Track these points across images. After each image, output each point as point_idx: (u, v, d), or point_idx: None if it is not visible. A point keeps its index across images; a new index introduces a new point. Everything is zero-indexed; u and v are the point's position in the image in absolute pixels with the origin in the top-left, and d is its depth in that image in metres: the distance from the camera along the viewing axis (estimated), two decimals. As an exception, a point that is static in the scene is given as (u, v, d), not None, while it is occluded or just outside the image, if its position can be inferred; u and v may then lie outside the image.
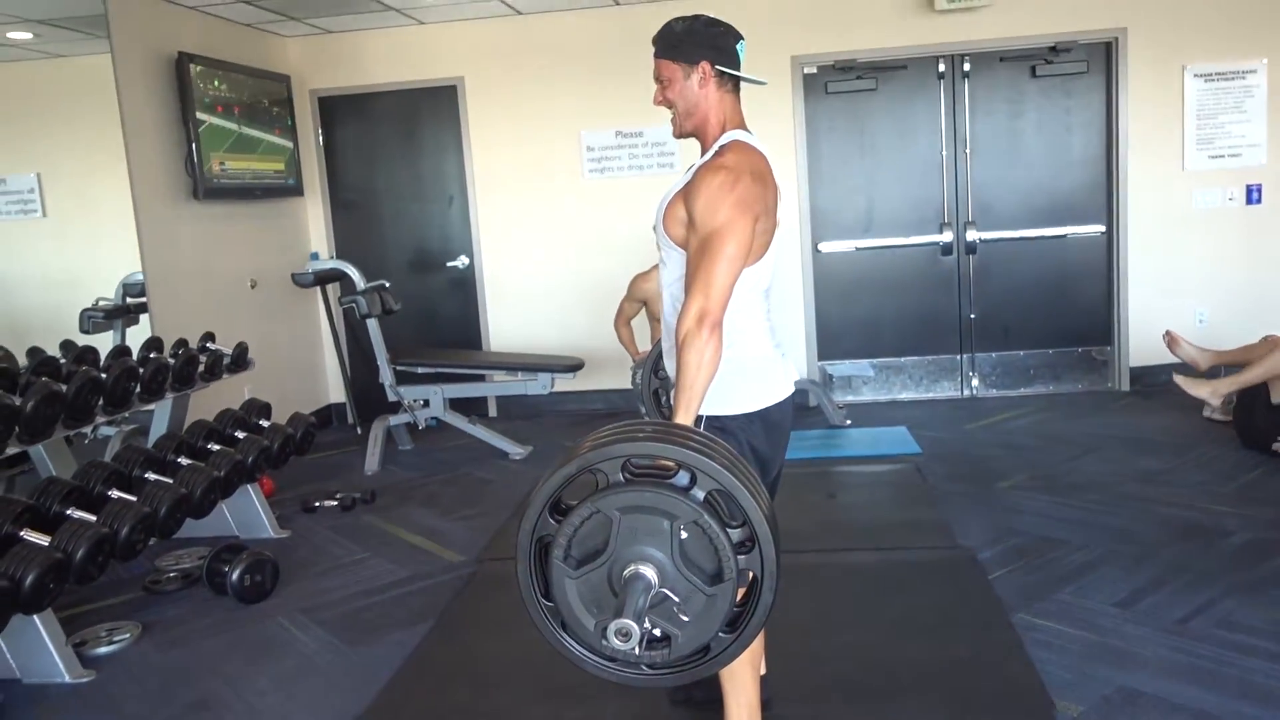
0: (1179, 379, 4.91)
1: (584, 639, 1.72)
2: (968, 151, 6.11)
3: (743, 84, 2.26)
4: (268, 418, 4.55)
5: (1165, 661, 2.73)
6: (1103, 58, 5.98)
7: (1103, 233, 6.11)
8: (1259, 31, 5.82)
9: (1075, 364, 6.25)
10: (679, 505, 1.64)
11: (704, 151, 2.21)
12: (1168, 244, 6.02)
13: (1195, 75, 5.89)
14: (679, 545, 1.65)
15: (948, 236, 6.15)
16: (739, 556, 1.66)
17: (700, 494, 1.67)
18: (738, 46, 2.20)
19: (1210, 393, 4.77)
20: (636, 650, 1.65)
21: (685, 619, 1.67)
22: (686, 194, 2.09)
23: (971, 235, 6.13)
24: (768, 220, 2.13)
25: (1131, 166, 5.98)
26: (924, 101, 6.12)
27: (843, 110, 6.17)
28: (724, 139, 2.19)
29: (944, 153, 6.13)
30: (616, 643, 1.59)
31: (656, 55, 2.22)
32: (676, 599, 1.66)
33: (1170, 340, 5.20)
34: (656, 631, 1.69)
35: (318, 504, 4.70)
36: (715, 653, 1.71)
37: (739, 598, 1.69)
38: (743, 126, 2.23)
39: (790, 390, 2.26)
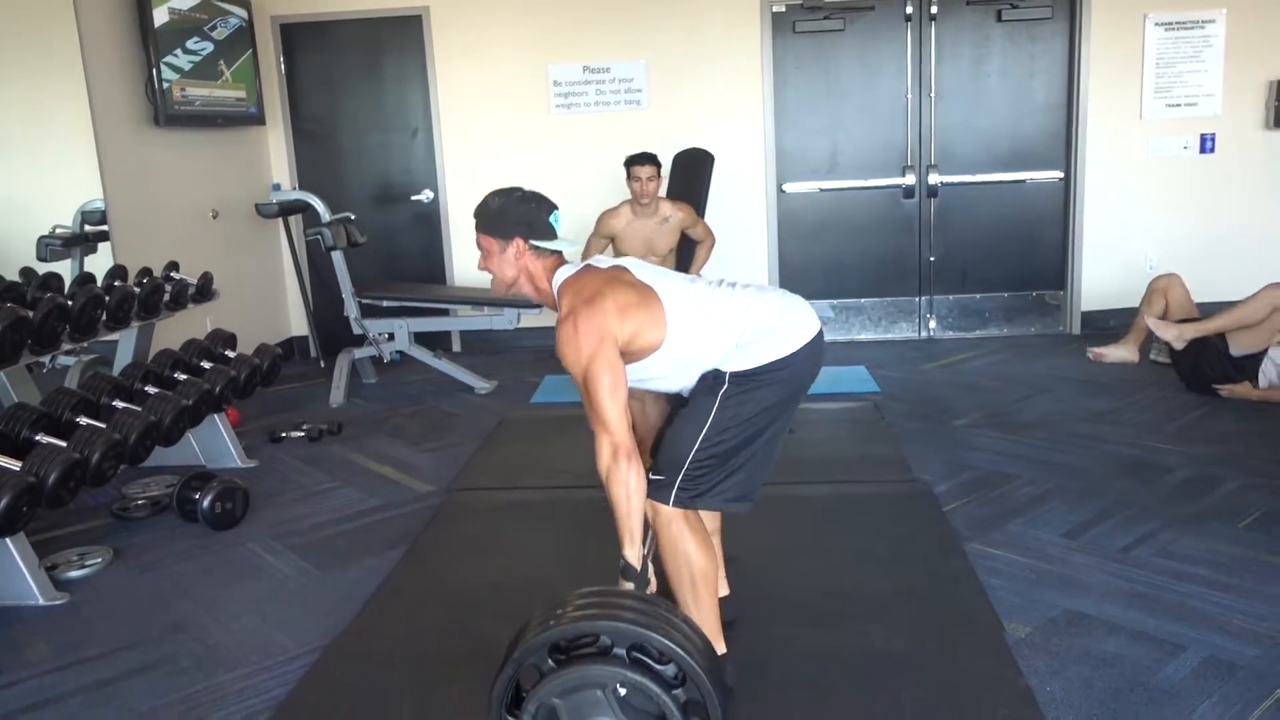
0: (1150, 320, 5.01)
1: None
2: (932, 95, 6.16)
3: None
4: (233, 348, 4.55)
5: (1108, 587, 2.88)
6: (1067, 4, 6.04)
7: (1060, 179, 6.23)
8: (1219, -19, 5.91)
9: (1029, 307, 6.40)
10: (604, 673, 1.84)
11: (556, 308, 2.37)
12: (1123, 191, 6.16)
13: (1156, 24, 5.98)
14: (620, 704, 1.85)
15: (910, 180, 6.24)
16: (675, 691, 1.85)
17: (621, 652, 1.86)
18: (550, 218, 2.36)
19: (1176, 335, 4.85)
20: None
21: None
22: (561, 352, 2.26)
23: (933, 179, 6.22)
24: (633, 314, 2.26)
25: (1091, 113, 6.08)
26: (891, 44, 6.15)
27: (810, 50, 6.18)
28: (556, 286, 2.36)
29: (909, 96, 6.18)
30: None
31: (476, 228, 2.40)
32: None
33: (1154, 327, 5.03)
34: None
35: (284, 435, 4.72)
36: None
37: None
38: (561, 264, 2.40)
39: (810, 334, 2.40)
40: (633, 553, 2.19)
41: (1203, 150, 6.09)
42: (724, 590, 2.75)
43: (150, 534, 3.65)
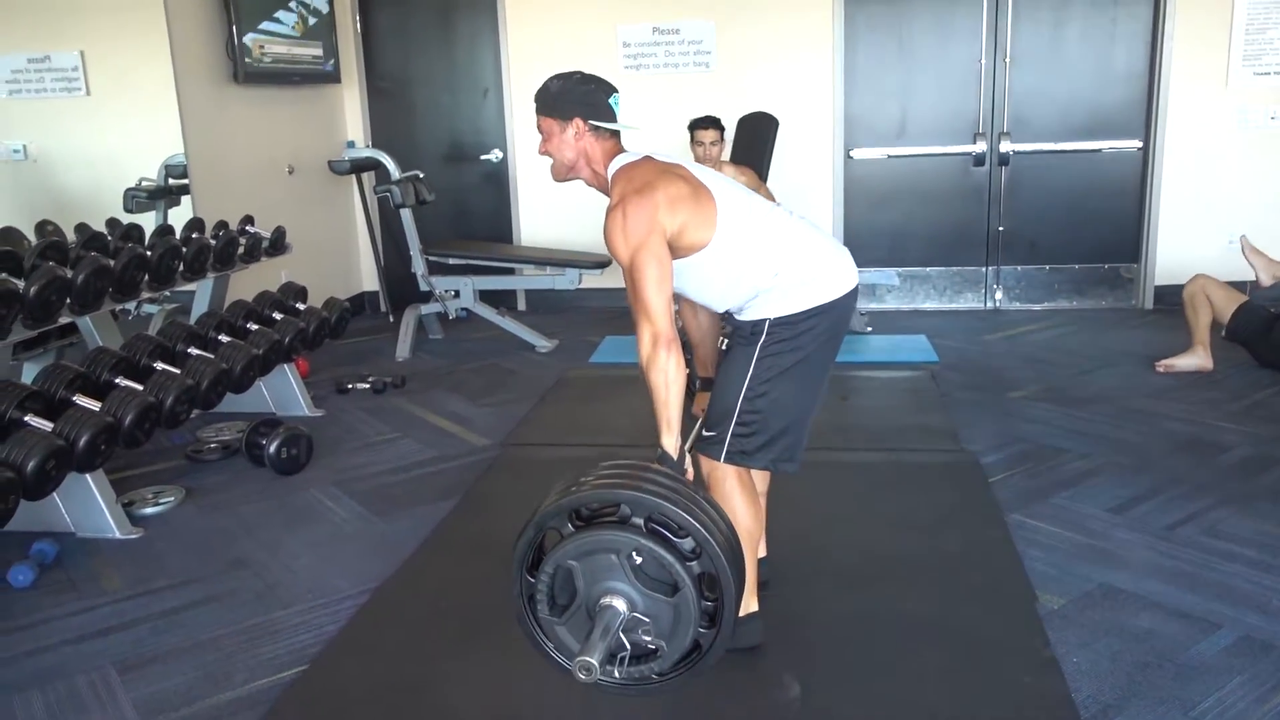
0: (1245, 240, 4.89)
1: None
2: (1007, 60, 6.03)
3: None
4: (304, 301, 4.71)
5: (1148, 563, 2.87)
6: (1154, -33, 5.84)
7: (1139, 149, 6.06)
8: (1319, -57, 5.64)
9: (1101, 280, 6.26)
10: (618, 539, 1.89)
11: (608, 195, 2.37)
12: (1205, 162, 5.96)
13: (1248, -13, 5.75)
14: (634, 571, 1.90)
15: (981, 147, 6.13)
16: (690, 564, 1.89)
17: (639, 521, 1.91)
18: (610, 100, 2.36)
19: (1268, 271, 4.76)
20: (617, 673, 1.96)
21: (664, 631, 1.93)
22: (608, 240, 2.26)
23: (1005, 147, 6.10)
24: (683, 206, 2.25)
25: (1174, 81, 5.89)
26: (966, 5, 6.02)
27: (882, 11, 6.08)
28: (611, 172, 2.36)
29: (983, 61, 6.05)
30: (582, 677, 1.85)
31: (536, 111, 2.38)
32: (646, 619, 1.92)
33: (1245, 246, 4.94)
34: (650, 646, 1.94)
35: (350, 386, 4.89)
36: (706, 647, 1.95)
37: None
38: (620, 151, 2.39)
39: (850, 284, 2.41)
40: (670, 441, 2.18)
41: (1292, 121, 5.87)
42: (762, 551, 2.81)
43: (221, 476, 3.84)
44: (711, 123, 4.99)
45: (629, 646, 1.94)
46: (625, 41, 6.24)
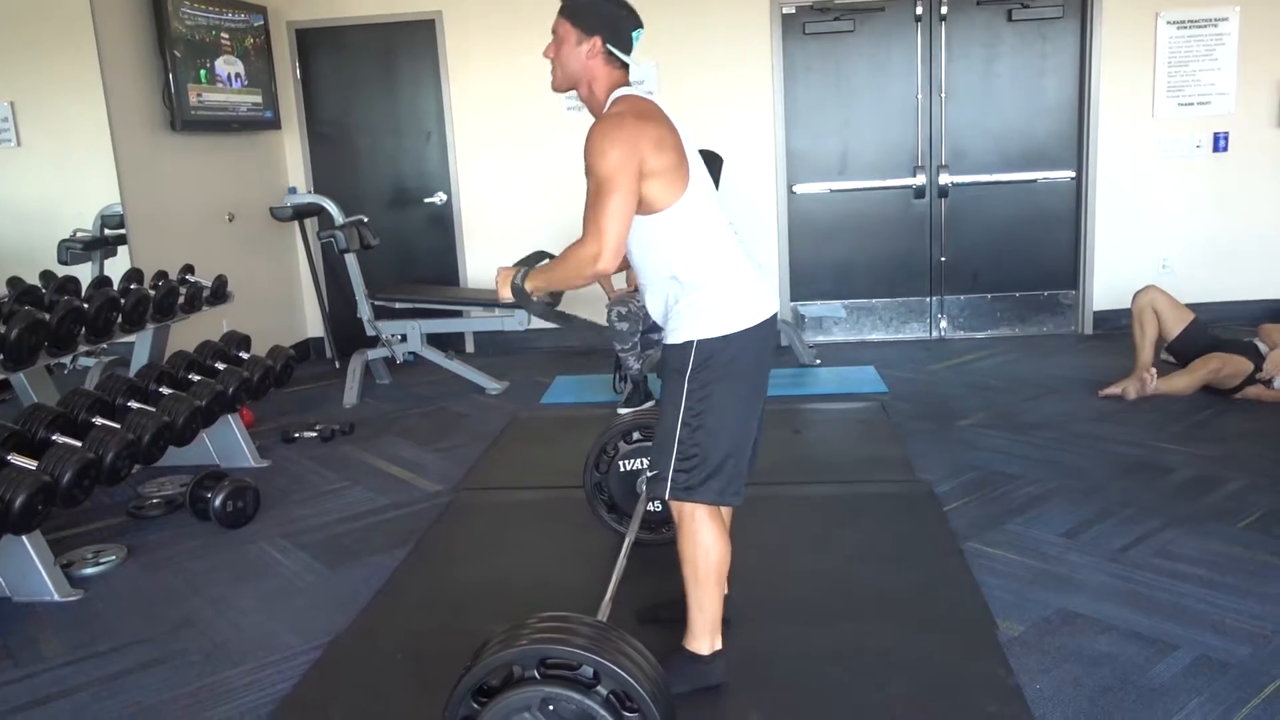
0: (1153, 383, 4.70)
1: None
2: (943, 95, 6.17)
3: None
4: (247, 350, 4.63)
5: (1103, 586, 2.90)
6: (1077, 4, 6.03)
7: (1072, 178, 6.22)
8: (1232, -21, 5.88)
9: (1041, 307, 6.39)
10: (522, 698, 1.88)
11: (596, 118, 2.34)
12: (1135, 191, 6.14)
13: (1168, 22, 5.96)
14: (554, 717, 1.88)
15: (920, 180, 6.24)
16: (595, 689, 1.88)
17: (533, 673, 1.90)
18: (634, 34, 2.35)
19: (1184, 389, 4.72)
20: None
21: None
22: (586, 148, 2.23)
23: (944, 179, 6.22)
24: (667, 155, 2.23)
25: (1102, 113, 6.07)
26: (901, 44, 6.16)
27: (820, 52, 6.20)
28: (611, 98, 2.33)
29: (919, 96, 6.18)
30: None
31: (559, 12, 2.34)
32: None
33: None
34: None
35: (297, 435, 4.80)
36: None
37: None
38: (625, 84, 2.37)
39: (773, 310, 2.40)
40: (532, 283, 2.34)
41: (1216, 149, 6.06)
42: (725, 590, 2.79)
43: (164, 532, 3.72)
44: (656, 161, 5.01)
45: None
46: (567, 83, 6.26)
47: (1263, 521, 3.30)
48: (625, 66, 2.35)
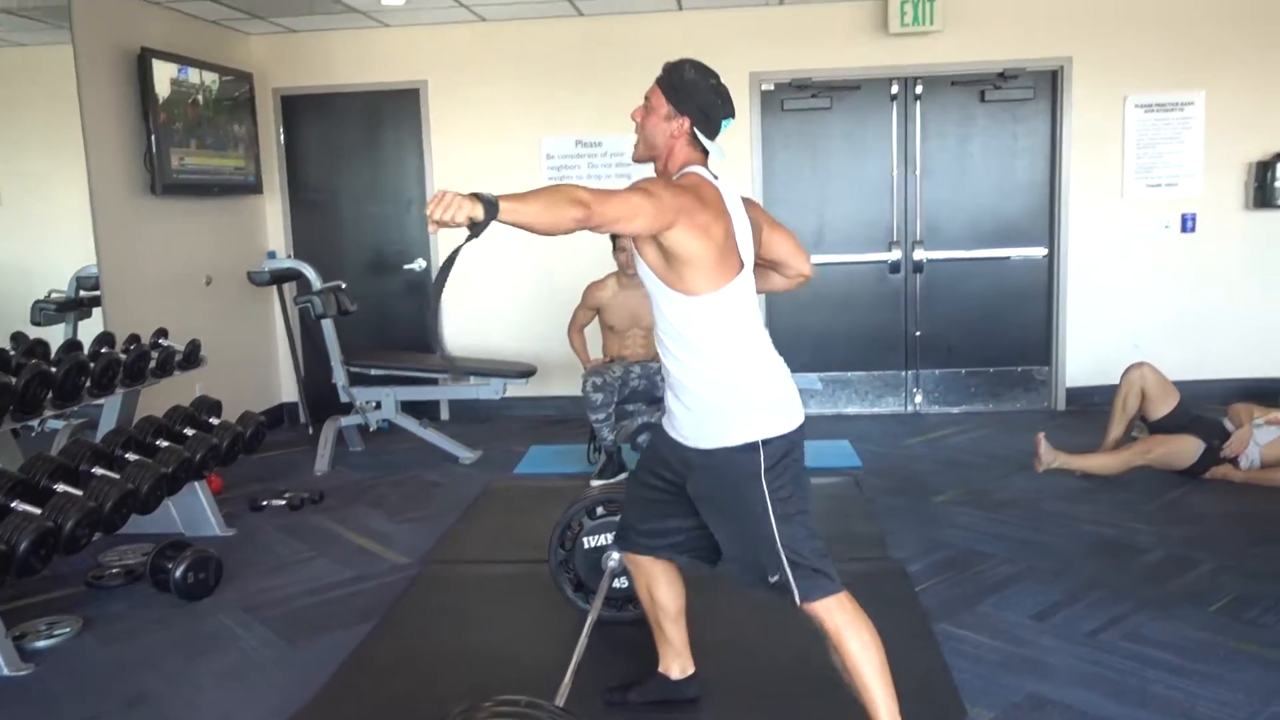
0: (1049, 456, 4.66)
1: None
2: (917, 172, 6.27)
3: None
4: (218, 415, 4.58)
5: (1073, 671, 2.87)
6: (1049, 85, 6.17)
7: (1044, 256, 6.31)
8: (1197, 65, 6.03)
9: (1015, 382, 6.43)
10: None
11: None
12: (1106, 269, 6.22)
13: (1136, 105, 6.10)
14: None
15: (896, 255, 6.31)
16: None
17: None
18: (724, 121, 2.32)
19: (1051, 461, 4.67)
20: None
21: None
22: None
23: (919, 254, 6.29)
24: (709, 239, 2.20)
25: (1073, 192, 6.17)
26: (876, 122, 6.28)
27: (798, 128, 6.31)
28: (680, 172, 2.31)
29: (894, 173, 6.29)
30: None
31: (658, 81, 2.33)
32: None
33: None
34: None
35: (266, 503, 4.74)
36: None
37: None
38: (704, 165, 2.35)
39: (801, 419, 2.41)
40: (508, 203, 1.95)
41: (1184, 230, 6.17)
42: (690, 669, 2.75)
43: (122, 603, 3.65)
44: (633, 233, 5.06)
45: None
46: (549, 153, 6.35)
47: (1233, 605, 3.29)
48: (706, 152, 2.33)
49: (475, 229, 1.92)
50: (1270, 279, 6.14)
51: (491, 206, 1.92)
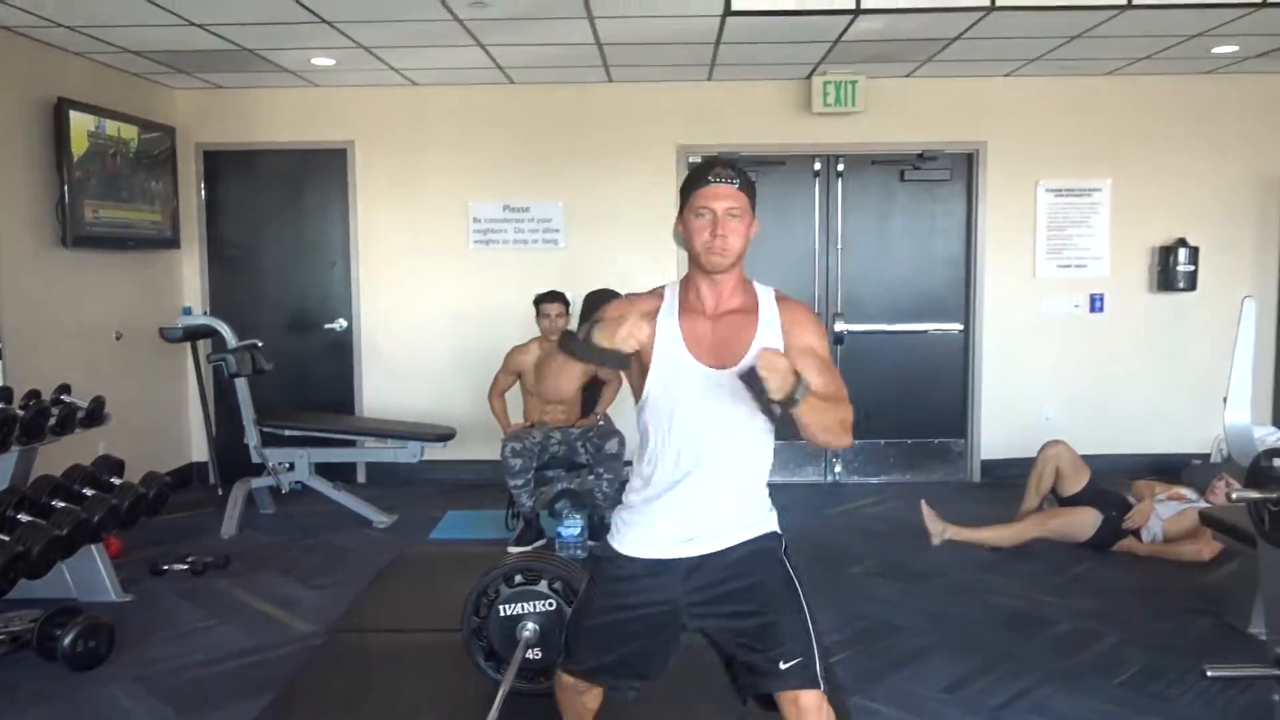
0: (938, 526, 4.72)
1: None
2: (839, 247, 6.41)
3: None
4: (120, 475, 4.42)
5: (981, 747, 2.88)
6: (965, 167, 6.39)
7: (961, 331, 6.47)
8: (1104, 154, 6.31)
9: (932, 454, 6.54)
10: None
11: (747, 293, 2.30)
12: (1020, 345, 6.40)
13: (1047, 190, 6.34)
14: None
15: (817, 326, 6.40)
16: None
17: None
18: None
19: (942, 532, 4.73)
20: None
21: None
22: (806, 328, 2.28)
23: (840, 326, 6.40)
24: None
25: (988, 270, 6.37)
26: (800, 197, 6.42)
27: (723, 200, 6.40)
28: (759, 288, 2.33)
29: (817, 246, 6.42)
30: None
31: (743, 188, 2.19)
32: None
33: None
34: None
35: (167, 567, 4.56)
36: None
37: None
38: None
39: None
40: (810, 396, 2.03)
41: (1093, 309, 6.39)
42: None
43: (6, 673, 3.45)
44: (556, 297, 5.11)
45: None
46: (476, 217, 6.35)
47: (1137, 678, 3.34)
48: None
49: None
50: (1173, 359, 6.37)
51: (801, 389, 2.00)
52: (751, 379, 1.98)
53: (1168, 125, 6.29)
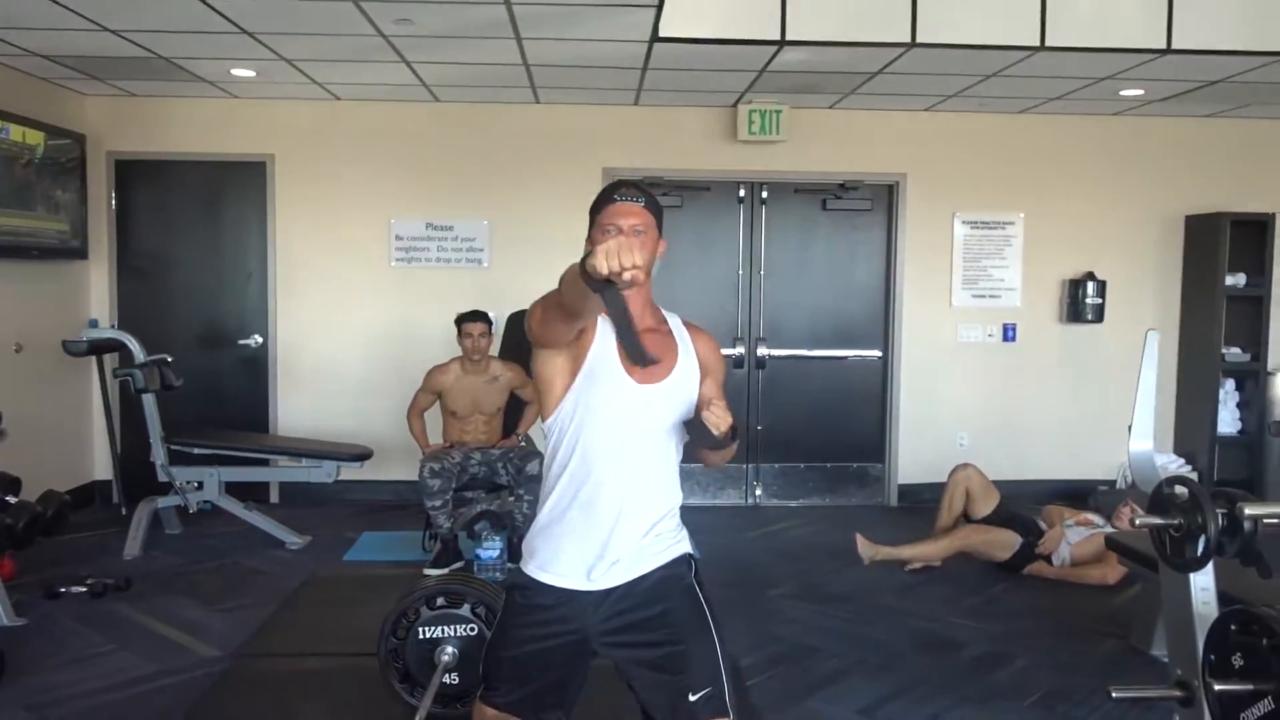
0: (869, 550, 4.85)
1: None
2: (762, 273, 6.49)
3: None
4: (16, 493, 4.22)
5: (895, 769, 2.90)
6: (885, 198, 6.52)
7: (879, 357, 6.58)
8: (1017, 190, 6.51)
9: (851, 478, 6.62)
10: None
11: (655, 314, 2.28)
12: (935, 372, 6.54)
13: (963, 222, 6.51)
14: None
15: (740, 350, 6.47)
16: None
17: None
18: None
19: (874, 555, 4.86)
20: None
21: None
22: (716, 358, 2.29)
23: (762, 351, 6.47)
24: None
25: (907, 298, 6.50)
26: (724, 223, 6.49)
27: (648, 223, 6.42)
28: (668, 316, 2.31)
29: (740, 272, 6.48)
30: None
31: (647, 205, 2.17)
32: None
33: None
34: None
35: (64, 590, 4.37)
36: None
37: None
38: None
39: None
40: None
41: (1005, 339, 6.56)
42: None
43: (-118, 702, 3.27)
44: (479, 317, 5.06)
45: None
46: (398, 234, 6.27)
47: (1046, 699, 3.41)
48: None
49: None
50: (1081, 388, 6.57)
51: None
52: (697, 426, 2.05)
53: (1079, 163, 6.52)
